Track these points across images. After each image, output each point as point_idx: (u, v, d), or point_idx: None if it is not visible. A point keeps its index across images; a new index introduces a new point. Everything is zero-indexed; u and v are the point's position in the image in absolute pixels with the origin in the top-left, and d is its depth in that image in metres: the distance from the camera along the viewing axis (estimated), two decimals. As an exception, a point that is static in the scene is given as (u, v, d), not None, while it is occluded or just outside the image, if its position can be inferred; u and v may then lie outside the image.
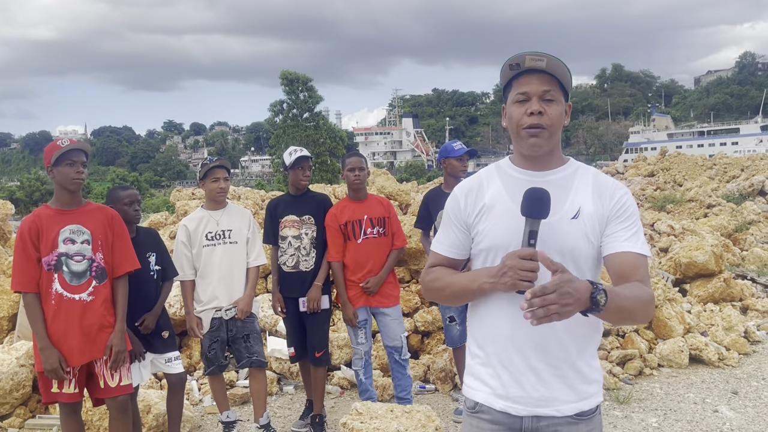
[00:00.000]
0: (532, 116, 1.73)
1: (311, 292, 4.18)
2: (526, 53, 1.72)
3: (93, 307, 3.23)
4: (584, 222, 1.76)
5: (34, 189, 46.87)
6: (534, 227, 1.62)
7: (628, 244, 1.75)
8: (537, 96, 1.73)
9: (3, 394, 4.52)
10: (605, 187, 1.81)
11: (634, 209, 1.80)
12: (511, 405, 1.80)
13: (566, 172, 1.83)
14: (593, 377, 1.82)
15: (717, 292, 6.73)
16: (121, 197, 3.75)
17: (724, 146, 65.11)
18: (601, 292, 1.54)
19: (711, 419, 4.49)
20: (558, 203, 1.73)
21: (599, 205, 1.78)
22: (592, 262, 1.79)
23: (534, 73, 1.74)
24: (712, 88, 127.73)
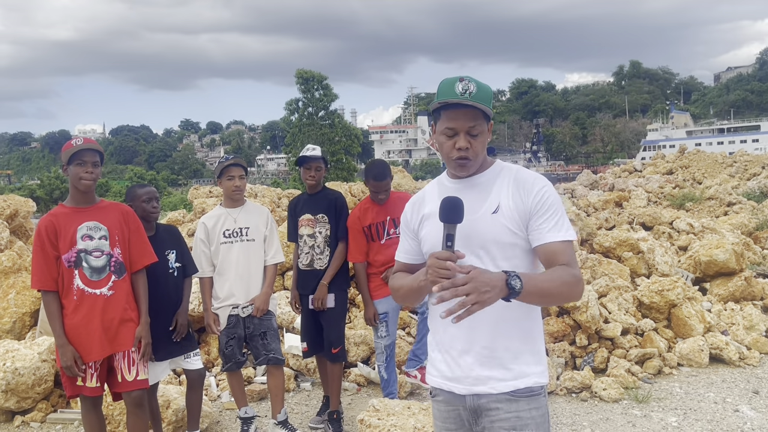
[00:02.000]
0: (460, 150, 1.93)
1: (318, 291, 4.21)
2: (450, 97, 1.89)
3: (113, 302, 3.29)
4: (504, 215, 1.94)
5: (54, 187, 47.49)
6: (450, 231, 1.79)
7: (552, 234, 1.92)
8: (463, 131, 1.92)
9: (25, 389, 4.59)
10: (525, 183, 1.98)
11: (554, 199, 1.96)
12: (455, 385, 1.99)
13: (490, 175, 2.03)
14: (532, 359, 1.97)
15: (738, 291, 6.64)
16: (139, 194, 3.80)
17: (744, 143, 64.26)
18: (515, 278, 1.73)
19: (731, 419, 4.44)
20: (480, 201, 1.98)
21: (519, 199, 1.96)
22: (520, 251, 1.96)
23: (460, 108, 1.91)
24: (732, 84, 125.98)
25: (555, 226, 1.93)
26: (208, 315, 4.09)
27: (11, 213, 7.95)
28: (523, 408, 1.94)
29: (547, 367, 2.03)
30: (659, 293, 5.87)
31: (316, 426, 4.46)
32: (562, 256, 1.91)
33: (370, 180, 4.23)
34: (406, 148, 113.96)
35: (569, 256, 1.93)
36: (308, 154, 4.27)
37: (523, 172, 2.04)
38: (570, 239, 1.95)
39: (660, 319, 5.95)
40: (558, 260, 1.90)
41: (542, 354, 2.03)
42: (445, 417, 2.06)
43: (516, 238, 1.94)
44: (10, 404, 4.60)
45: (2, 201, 8.07)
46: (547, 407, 2.01)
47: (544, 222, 1.93)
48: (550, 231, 1.93)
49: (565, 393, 4.99)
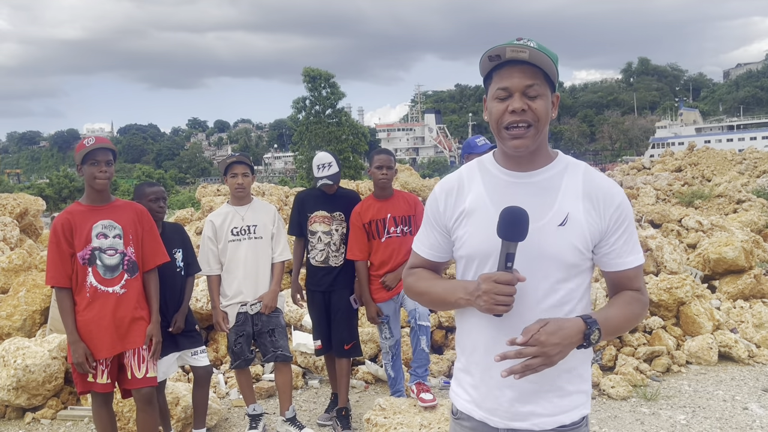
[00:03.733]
0: (515, 114, 1.58)
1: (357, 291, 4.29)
2: (507, 44, 1.57)
3: (125, 300, 3.32)
4: (572, 230, 1.61)
5: (63, 186, 47.79)
6: (511, 250, 1.52)
7: (630, 259, 1.67)
8: (519, 92, 1.58)
9: (36, 386, 4.63)
10: (600, 191, 1.64)
11: (631, 213, 1.68)
12: (488, 416, 1.73)
13: (553, 172, 1.67)
14: (577, 389, 1.72)
15: (747, 289, 6.60)
16: (147, 193, 3.82)
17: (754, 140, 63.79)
18: (595, 330, 1.54)
19: (740, 416, 4.42)
20: (544, 208, 1.63)
21: (593, 212, 1.63)
22: (579, 271, 1.66)
23: (516, 65, 1.57)
24: (741, 81, 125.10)
25: (632, 248, 1.67)
26: (217, 313, 4.11)
27: (21, 211, 8.02)
28: None
29: (590, 396, 1.77)
30: (668, 291, 5.85)
31: (325, 423, 4.48)
32: (637, 282, 1.69)
33: (373, 156, 4.24)
34: (413, 146, 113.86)
35: (641, 280, 1.70)
36: (329, 173, 4.18)
37: (596, 176, 1.69)
38: (644, 261, 1.71)
39: (669, 317, 5.92)
40: (632, 286, 1.69)
41: (588, 382, 1.77)
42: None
43: (582, 258, 1.64)
44: (21, 401, 4.64)
45: (12, 200, 8.14)
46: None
47: (625, 243, 1.65)
48: (629, 254, 1.66)
49: (573, 391, 4.98)
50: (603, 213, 1.63)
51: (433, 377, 5.22)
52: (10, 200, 8.09)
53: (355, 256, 4.20)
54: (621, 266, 1.67)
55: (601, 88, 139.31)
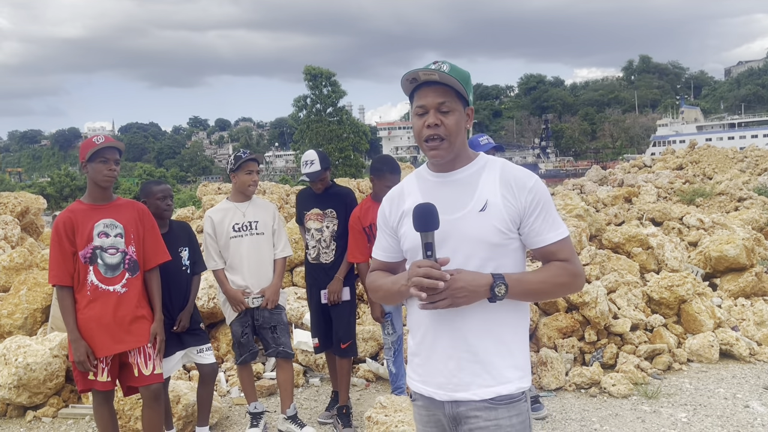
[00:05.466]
0: (430, 128, 1.83)
1: (332, 284, 4.22)
2: (421, 69, 1.82)
3: (126, 299, 3.32)
4: (492, 214, 1.83)
5: (64, 185, 47.83)
6: (428, 239, 1.73)
7: (550, 235, 1.86)
8: (433, 108, 1.83)
9: (37, 384, 4.64)
10: (516, 179, 1.87)
11: (546, 196, 1.88)
12: (434, 390, 1.90)
13: (473, 169, 1.91)
14: (515, 363, 1.88)
15: (748, 287, 6.60)
16: (155, 192, 3.82)
17: (755, 138, 63.65)
18: (501, 285, 1.75)
19: (742, 414, 4.42)
20: (466, 198, 1.87)
21: (509, 197, 1.85)
22: (508, 251, 1.86)
23: (431, 85, 1.83)
24: (742, 79, 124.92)
25: (552, 225, 1.86)
26: (235, 296, 4.07)
27: (22, 210, 8.03)
28: (503, 416, 1.85)
29: (529, 371, 1.94)
30: (669, 289, 5.85)
31: (325, 421, 4.48)
32: (561, 254, 1.87)
33: (386, 174, 4.14)
34: (414, 144, 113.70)
35: (568, 252, 1.88)
36: (309, 171, 4.20)
37: (511, 167, 1.93)
38: (568, 235, 1.90)
39: (670, 315, 5.92)
40: (558, 258, 1.87)
41: (526, 357, 1.93)
42: (426, 421, 1.98)
43: (505, 238, 1.84)
44: (22, 399, 4.65)
45: (13, 198, 8.15)
46: (528, 413, 1.92)
47: (541, 222, 1.85)
48: (548, 232, 1.86)
49: (574, 389, 4.98)
50: (518, 196, 1.85)
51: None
52: (11, 199, 8.10)
53: (356, 259, 4.20)
54: (541, 243, 1.86)
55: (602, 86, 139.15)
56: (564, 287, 1.91)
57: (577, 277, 1.89)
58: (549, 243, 1.86)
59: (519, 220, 1.86)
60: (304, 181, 4.29)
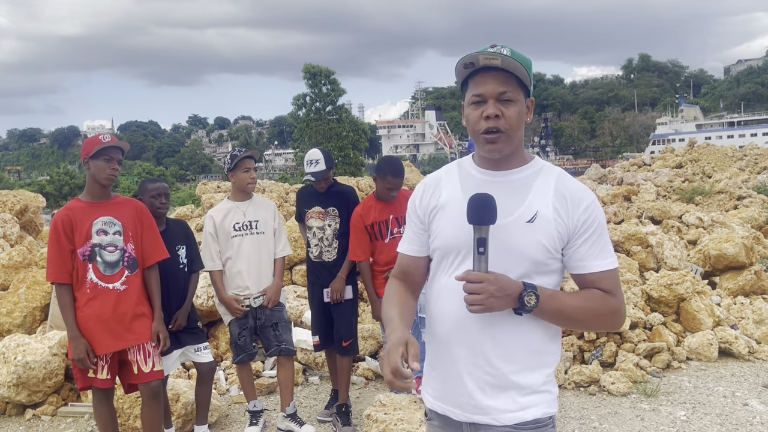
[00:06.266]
0: (489, 120, 1.63)
1: (335, 283, 4.21)
2: (480, 52, 1.62)
3: (126, 296, 3.32)
4: (540, 227, 1.64)
5: (64, 183, 47.82)
6: (482, 234, 1.57)
7: (597, 263, 1.66)
8: (493, 98, 1.63)
9: (36, 383, 4.63)
10: (571, 193, 1.67)
11: (601, 218, 1.68)
12: (451, 409, 1.75)
13: (527, 173, 1.71)
14: (542, 386, 1.70)
15: (747, 285, 6.60)
16: (149, 189, 3.82)
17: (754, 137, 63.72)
18: (532, 294, 1.57)
19: (741, 413, 4.42)
20: (514, 204, 1.67)
21: (561, 212, 1.65)
22: (547, 270, 1.68)
23: (489, 71, 1.63)
24: (742, 77, 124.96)
25: (601, 252, 1.66)
26: (229, 302, 4.07)
27: (21, 208, 8.03)
28: None
29: (556, 393, 1.75)
30: (668, 287, 5.85)
31: (325, 419, 4.48)
32: (604, 284, 1.66)
33: (388, 176, 4.11)
34: (414, 142, 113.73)
35: (612, 284, 1.67)
36: (314, 170, 4.18)
37: (568, 178, 1.72)
38: (616, 266, 1.69)
39: (669, 313, 5.92)
40: (599, 288, 1.67)
41: (552, 383, 1.74)
42: None
43: (548, 256, 1.65)
44: (21, 398, 4.65)
45: (12, 196, 8.14)
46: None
47: (591, 247, 1.65)
48: (596, 258, 1.65)
49: (573, 387, 4.99)
50: (571, 213, 1.65)
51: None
52: (10, 197, 8.09)
53: (357, 257, 4.20)
54: (584, 269, 1.67)
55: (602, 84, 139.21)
56: (601, 320, 1.68)
57: (616, 314, 1.68)
58: (592, 271, 1.66)
59: (567, 239, 1.66)
60: (308, 180, 4.28)
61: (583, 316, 1.65)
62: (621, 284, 1.77)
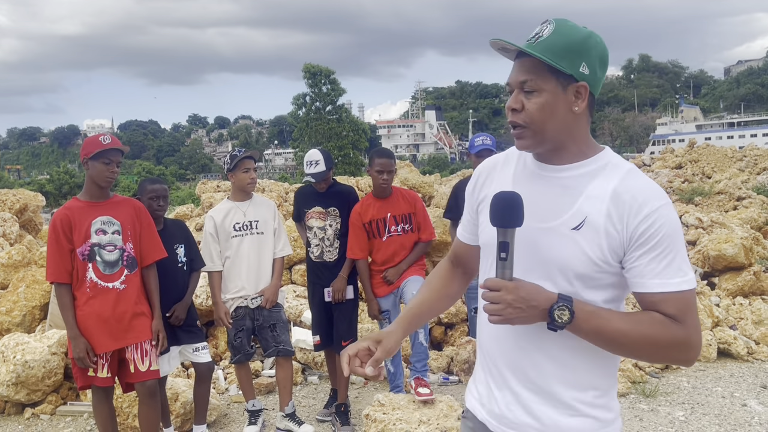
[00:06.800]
0: (510, 113, 1.47)
1: (336, 282, 4.22)
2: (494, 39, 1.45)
3: (126, 295, 3.33)
4: (587, 236, 1.40)
5: (63, 182, 47.80)
6: (505, 238, 1.37)
7: (658, 281, 1.36)
8: (517, 88, 1.44)
9: (35, 382, 4.63)
10: (632, 197, 1.38)
11: (669, 229, 1.36)
12: (488, 419, 1.60)
13: (586, 170, 1.46)
14: (586, 412, 1.48)
15: (746, 286, 6.61)
16: (147, 190, 3.81)
17: (754, 138, 63.76)
18: (565, 309, 1.34)
19: (739, 413, 4.43)
20: (562, 207, 1.44)
21: (615, 219, 1.39)
22: (596, 285, 1.42)
23: (519, 57, 1.45)
24: (742, 78, 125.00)
25: (666, 270, 1.36)
26: (219, 308, 4.10)
27: (21, 207, 8.03)
28: None
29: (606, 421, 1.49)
30: (667, 288, 5.85)
31: (324, 419, 4.49)
32: (668, 307, 1.36)
33: (375, 159, 4.21)
34: (414, 142, 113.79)
35: (680, 308, 1.36)
36: (314, 171, 4.18)
37: (636, 178, 1.42)
38: (688, 288, 1.37)
39: (668, 314, 5.92)
40: (660, 311, 1.38)
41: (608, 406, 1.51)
42: None
43: (596, 270, 1.41)
44: (20, 396, 4.65)
45: (12, 195, 8.15)
46: None
47: (651, 262, 1.36)
48: (657, 276, 1.36)
49: (572, 387, 4.99)
50: (627, 220, 1.38)
51: (432, 373, 5.22)
52: (9, 196, 8.10)
53: (355, 255, 4.21)
54: (641, 287, 1.39)
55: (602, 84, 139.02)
56: (659, 351, 1.39)
57: (682, 346, 1.37)
58: (651, 291, 1.37)
59: (622, 251, 1.39)
60: (308, 181, 4.28)
61: (633, 342, 1.36)
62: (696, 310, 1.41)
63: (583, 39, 1.42)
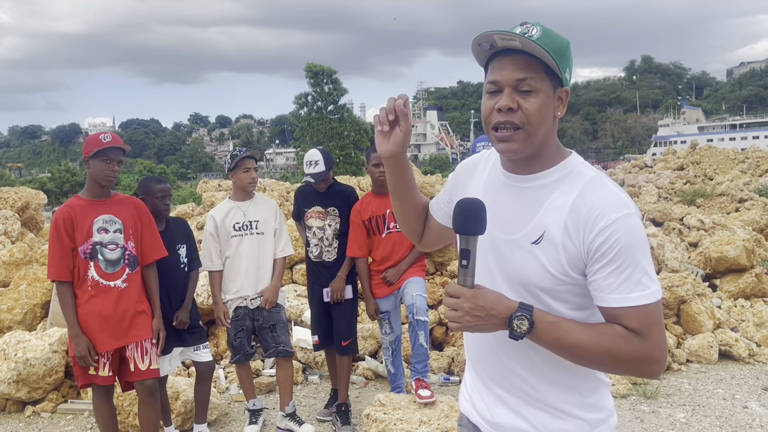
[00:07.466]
0: (501, 113, 1.37)
1: (334, 282, 4.21)
2: (496, 31, 1.35)
3: (127, 294, 3.34)
4: (545, 251, 1.38)
5: (65, 180, 47.87)
6: (468, 245, 1.34)
7: (617, 297, 1.33)
8: (510, 87, 1.36)
9: (36, 380, 4.64)
10: (589, 209, 1.35)
11: (627, 241, 1.32)
12: (480, 421, 1.59)
13: (549, 180, 1.43)
14: (575, 414, 1.47)
15: (748, 288, 6.60)
16: (154, 191, 3.81)
17: (756, 139, 63.72)
18: (523, 318, 1.31)
19: (740, 415, 4.42)
20: (523, 220, 1.42)
21: (572, 233, 1.36)
22: (561, 297, 1.41)
23: (510, 54, 1.36)
24: (744, 80, 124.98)
25: (624, 284, 1.33)
26: (219, 308, 4.11)
27: (23, 205, 8.03)
28: None
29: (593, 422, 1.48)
30: (669, 289, 5.84)
31: (324, 418, 4.48)
32: (630, 321, 1.34)
33: (371, 154, 4.23)
34: (415, 143, 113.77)
35: (641, 322, 1.33)
36: (313, 171, 4.18)
37: (596, 189, 1.38)
38: (649, 302, 1.33)
39: (669, 315, 5.92)
40: (622, 324, 1.35)
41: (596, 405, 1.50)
42: None
43: (556, 283, 1.40)
44: (21, 394, 4.65)
45: (14, 193, 8.15)
46: None
47: (608, 276, 1.33)
48: (615, 290, 1.33)
49: (573, 388, 4.98)
50: (583, 234, 1.35)
51: (433, 374, 5.22)
52: (11, 194, 8.10)
53: (354, 254, 4.21)
54: (601, 301, 1.37)
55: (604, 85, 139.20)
56: (621, 364, 1.34)
57: (644, 361, 1.33)
58: (610, 305, 1.35)
59: (583, 264, 1.37)
60: (308, 181, 4.28)
61: (591, 354, 1.34)
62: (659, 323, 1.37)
63: (567, 46, 1.40)
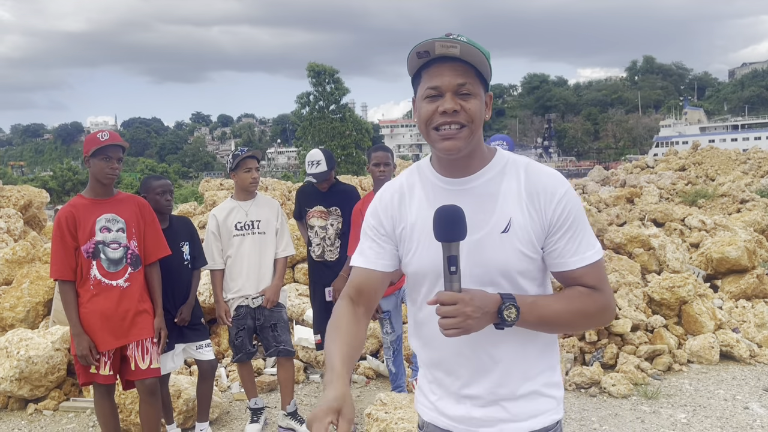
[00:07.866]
0: (446, 115, 1.45)
1: (337, 282, 4.22)
2: (436, 39, 1.43)
3: (129, 293, 3.34)
4: (516, 235, 1.49)
5: (67, 179, 47.94)
6: (452, 252, 1.39)
7: (576, 259, 1.51)
8: (451, 91, 1.45)
9: (38, 377, 4.65)
10: (542, 188, 1.50)
11: (577, 208, 1.51)
12: (455, 425, 1.62)
13: (490, 174, 1.54)
14: (548, 391, 1.61)
15: (749, 289, 6.60)
16: (154, 187, 3.83)
17: (758, 140, 63.58)
18: (511, 307, 1.42)
19: (741, 416, 4.42)
20: (485, 216, 1.51)
21: (535, 211, 1.50)
22: (532, 276, 1.54)
23: (446, 62, 1.45)
24: (746, 80, 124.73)
25: (580, 246, 1.51)
26: (220, 307, 4.12)
27: (25, 203, 8.05)
28: None
29: (562, 396, 1.65)
30: (670, 290, 5.85)
31: (325, 417, 4.49)
32: (588, 280, 1.52)
33: (371, 153, 4.25)
34: (417, 142, 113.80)
35: (596, 278, 1.52)
36: (315, 171, 4.20)
37: (537, 171, 1.54)
38: (600, 257, 1.53)
39: (670, 316, 5.92)
40: (583, 284, 1.53)
41: (559, 382, 1.66)
42: None
43: (529, 263, 1.52)
44: (24, 392, 4.66)
45: (16, 192, 8.17)
46: None
47: (568, 242, 1.50)
48: (576, 254, 1.51)
49: (574, 388, 4.99)
50: (544, 209, 1.50)
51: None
52: (14, 192, 8.12)
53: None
54: (563, 266, 1.52)
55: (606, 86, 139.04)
56: (589, 319, 1.56)
57: (605, 310, 1.54)
58: (572, 268, 1.52)
59: (544, 237, 1.51)
60: (309, 181, 4.29)
61: (569, 318, 1.51)
62: (606, 275, 1.60)
63: (488, 55, 1.50)
